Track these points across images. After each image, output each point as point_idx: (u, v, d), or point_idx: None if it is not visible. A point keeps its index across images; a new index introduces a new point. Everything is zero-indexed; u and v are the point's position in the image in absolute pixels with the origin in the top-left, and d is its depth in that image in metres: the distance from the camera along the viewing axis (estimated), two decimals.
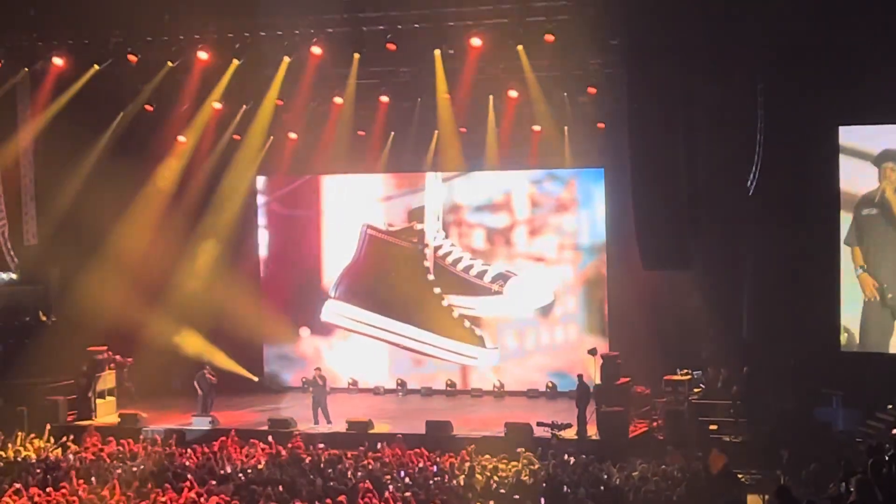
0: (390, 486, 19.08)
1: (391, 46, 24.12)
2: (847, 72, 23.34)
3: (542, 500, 18.66)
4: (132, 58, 25.32)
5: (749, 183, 24.71)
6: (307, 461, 21.55)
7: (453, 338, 30.77)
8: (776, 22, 22.95)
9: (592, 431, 24.34)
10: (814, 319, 25.17)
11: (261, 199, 32.29)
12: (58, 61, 25.90)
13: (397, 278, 31.28)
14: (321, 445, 23.30)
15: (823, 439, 22.48)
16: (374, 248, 31.49)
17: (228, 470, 20.72)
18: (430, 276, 31.03)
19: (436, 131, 29.74)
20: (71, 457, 22.38)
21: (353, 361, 31.38)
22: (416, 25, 23.92)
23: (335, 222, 31.82)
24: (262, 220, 32.35)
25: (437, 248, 31.02)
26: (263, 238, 32.34)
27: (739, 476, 20.74)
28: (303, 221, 32.22)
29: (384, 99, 28.29)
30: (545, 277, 30.16)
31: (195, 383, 27.40)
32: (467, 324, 30.70)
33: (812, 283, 25.13)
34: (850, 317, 24.93)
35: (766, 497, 19.35)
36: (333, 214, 31.84)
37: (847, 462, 15.63)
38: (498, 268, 30.55)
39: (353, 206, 31.66)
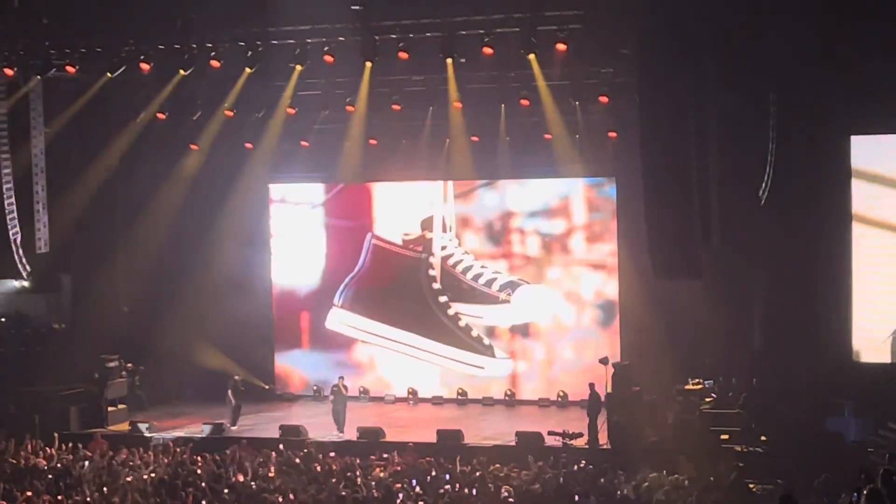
0: (401, 495, 19.06)
1: (403, 55, 24.14)
2: (860, 82, 23.29)
3: None
4: (145, 66, 25.33)
5: (761, 192, 24.68)
6: (318, 470, 21.53)
7: (459, 347, 30.75)
8: (789, 31, 22.91)
9: (603, 441, 24.35)
10: (825, 329, 25.12)
11: (274, 207, 32.30)
12: (70, 69, 25.93)
13: (402, 287, 31.28)
14: (332, 454, 23.30)
15: (834, 449, 22.41)
16: (378, 258, 31.49)
17: (240, 478, 20.71)
18: (436, 285, 31.00)
19: (447, 139, 29.78)
20: (85, 464, 22.37)
21: (405, 372, 31.23)
22: (428, 34, 23.91)
23: (356, 229, 31.83)
24: (281, 227, 32.34)
25: (447, 258, 30.99)
26: (279, 245, 32.33)
27: (751, 486, 20.67)
28: (330, 229, 32.20)
29: (396, 107, 28.31)
30: (562, 284, 30.12)
31: (229, 392, 27.47)
32: (475, 332, 30.66)
33: (823, 292, 25.10)
34: (861, 325, 24.90)
35: None
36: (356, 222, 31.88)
37: (866, 471, 15.55)
38: (508, 276, 30.54)
39: (374, 214, 31.68)
